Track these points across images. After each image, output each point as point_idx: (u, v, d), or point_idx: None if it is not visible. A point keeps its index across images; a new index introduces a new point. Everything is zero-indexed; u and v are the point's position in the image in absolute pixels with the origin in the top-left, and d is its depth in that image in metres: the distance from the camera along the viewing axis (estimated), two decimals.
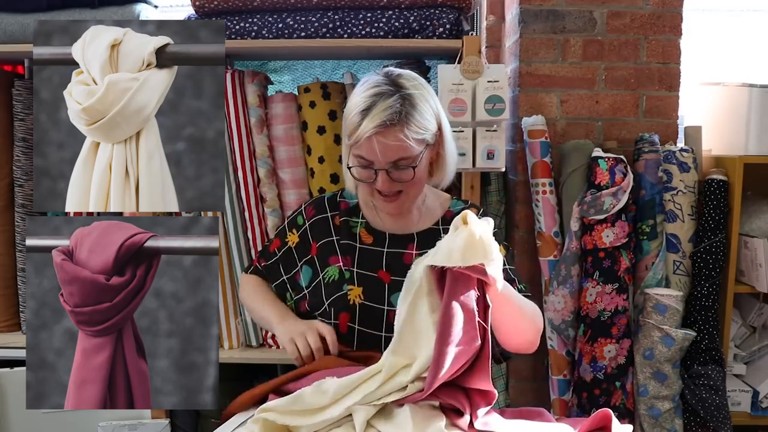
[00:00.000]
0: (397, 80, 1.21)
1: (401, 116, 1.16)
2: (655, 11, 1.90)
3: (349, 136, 1.21)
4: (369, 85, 1.20)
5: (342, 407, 1.02)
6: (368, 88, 1.20)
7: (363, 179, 1.22)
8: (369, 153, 1.18)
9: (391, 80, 1.20)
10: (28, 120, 1.81)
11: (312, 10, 1.78)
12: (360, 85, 1.22)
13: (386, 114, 1.15)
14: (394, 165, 1.19)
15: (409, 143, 1.17)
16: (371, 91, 1.18)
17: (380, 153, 1.17)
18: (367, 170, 1.21)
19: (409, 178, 1.20)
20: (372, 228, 1.32)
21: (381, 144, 1.16)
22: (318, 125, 1.79)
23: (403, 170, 1.19)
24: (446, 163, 1.29)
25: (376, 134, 1.16)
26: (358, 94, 1.21)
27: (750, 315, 1.97)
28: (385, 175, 1.19)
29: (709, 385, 1.77)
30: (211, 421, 1.85)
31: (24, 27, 1.76)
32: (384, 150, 1.17)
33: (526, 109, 1.92)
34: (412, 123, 1.17)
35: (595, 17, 1.90)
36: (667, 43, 1.89)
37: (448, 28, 1.75)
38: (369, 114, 1.16)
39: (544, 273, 1.84)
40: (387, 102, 1.16)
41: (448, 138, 1.28)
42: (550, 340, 1.84)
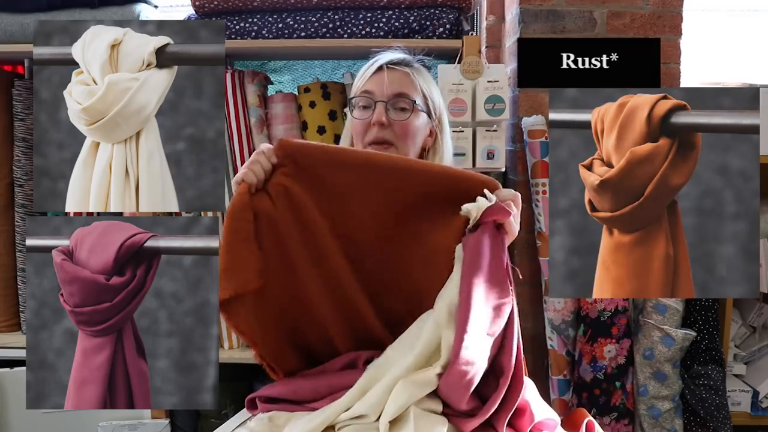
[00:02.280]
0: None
1: (412, 64, 1.30)
2: (655, 11, 1.89)
3: (356, 89, 1.28)
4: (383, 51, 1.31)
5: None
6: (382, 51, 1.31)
7: (361, 118, 1.26)
8: (374, 84, 1.25)
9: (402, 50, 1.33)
10: (28, 120, 1.81)
11: (312, 10, 1.78)
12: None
13: (399, 56, 1.29)
14: (393, 102, 1.24)
15: (414, 82, 1.26)
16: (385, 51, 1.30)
17: (387, 81, 1.23)
18: (366, 110, 1.25)
19: (406, 117, 1.24)
20: None
21: (390, 74, 1.24)
22: (318, 125, 1.79)
23: (399, 111, 1.24)
24: (443, 153, 1.32)
25: (388, 68, 1.25)
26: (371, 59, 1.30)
27: (750, 315, 1.97)
28: (382, 107, 1.23)
29: (709, 385, 1.77)
30: (211, 420, 1.85)
31: (24, 27, 1.76)
32: (390, 78, 1.24)
33: (526, 109, 1.92)
34: (421, 75, 1.28)
35: (595, 17, 1.90)
36: (667, 43, 1.89)
37: (448, 28, 1.75)
38: (382, 57, 1.28)
39: (544, 273, 1.84)
40: (402, 55, 1.30)
41: (446, 129, 1.33)
42: (550, 340, 1.84)
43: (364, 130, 1.25)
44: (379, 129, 1.22)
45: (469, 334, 0.94)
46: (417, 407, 0.99)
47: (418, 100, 1.26)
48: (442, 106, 1.33)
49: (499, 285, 1.01)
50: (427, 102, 1.28)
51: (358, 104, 1.27)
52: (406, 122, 1.24)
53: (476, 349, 0.96)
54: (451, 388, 0.98)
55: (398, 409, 0.98)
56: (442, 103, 1.33)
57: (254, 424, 1.08)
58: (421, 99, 1.27)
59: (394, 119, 1.23)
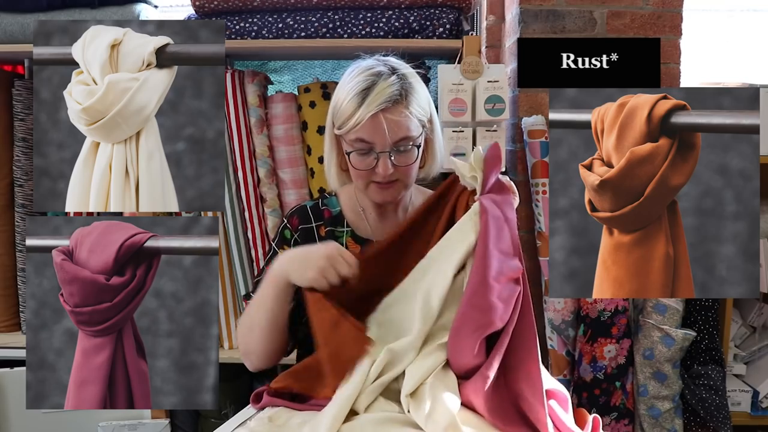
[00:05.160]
0: (390, 62, 1.19)
1: (404, 93, 1.14)
2: (655, 11, 1.89)
3: (342, 125, 1.16)
4: (363, 68, 1.17)
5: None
6: (363, 70, 1.16)
7: (363, 167, 1.17)
8: (373, 133, 1.13)
9: (383, 62, 1.19)
10: (28, 120, 1.81)
11: (312, 10, 1.78)
12: (349, 73, 1.19)
13: (390, 91, 1.12)
14: (396, 147, 1.16)
15: (413, 120, 1.15)
16: (368, 72, 1.15)
17: (387, 130, 1.12)
18: (367, 156, 1.16)
19: (412, 160, 1.17)
20: (358, 236, 1.29)
21: (388, 120, 1.12)
22: (318, 125, 1.79)
23: (404, 153, 1.16)
24: (436, 153, 1.28)
25: (383, 111, 1.12)
26: (350, 79, 1.16)
27: (750, 315, 1.97)
28: (386, 159, 1.15)
29: (709, 385, 1.77)
30: (211, 420, 1.85)
31: (24, 27, 1.76)
32: (391, 127, 1.13)
33: (526, 109, 1.92)
34: (414, 101, 1.16)
35: (595, 17, 1.90)
36: (667, 43, 1.89)
37: (448, 28, 1.75)
38: (371, 93, 1.12)
39: (544, 273, 1.84)
40: (388, 80, 1.13)
41: (437, 127, 1.27)
42: (550, 340, 1.84)
43: (368, 174, 1.19)
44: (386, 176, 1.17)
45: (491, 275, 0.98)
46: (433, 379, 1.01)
47: (417, 133, 1.17)
48: (430, 101, 1.23)
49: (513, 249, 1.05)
50: (422, 122, 1.19)
51: (355, 148, 1.16)
52: (411, 163, 1.18)
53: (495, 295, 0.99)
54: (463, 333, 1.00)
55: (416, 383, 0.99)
56: (431, 102, 1.25)
57: (254, 424, 1.08)
58: (418, 127, 1.18)
59: (399, 164, 1.17)
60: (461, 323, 1.01)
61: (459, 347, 1.01)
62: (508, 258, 1.04)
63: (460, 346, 1.01)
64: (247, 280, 1.83)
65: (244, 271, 1.82)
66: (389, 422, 0.98)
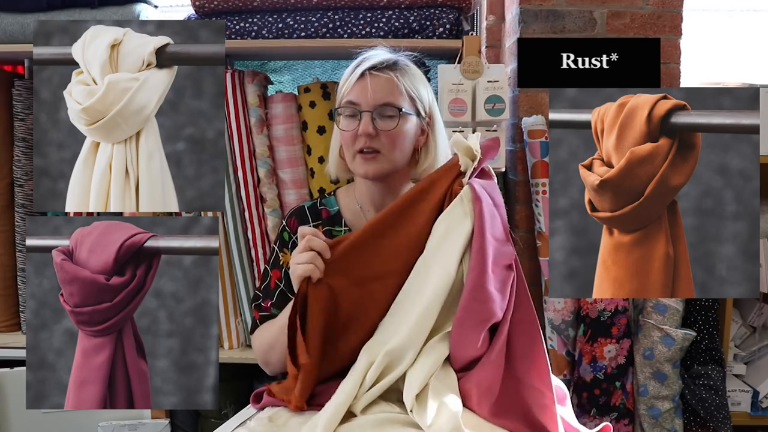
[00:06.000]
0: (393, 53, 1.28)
1: (396, 66, 1.24)
2: (655, 11, 1.90)
3: (341, 98, 1.25)
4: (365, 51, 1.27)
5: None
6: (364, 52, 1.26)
7: (348, 129, 1.23)
8: (358, 94, 1.21)
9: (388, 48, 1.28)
10: (28, 120, 1.81)
11: (312, 10, 1.78)
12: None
13: (383, 57, 1.24)
14: (380, 111, 1.21)
15: (401, 90, 1.22)
16: (367, 52, 1.26)
17: (371, 90, 1.20)
18: (353, 119, 1.23)
19: (393, 126, 1.21)
20: None
21: (374, 82, 1.21)
22: (318, 125, 1.79)
23: (387, 119, 1.21)
24: (434, 151, 1.29)
25: (371, 74, 1.21)
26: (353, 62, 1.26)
27: (750, 315, 1.97)
28: (368, 118, 1.20)
29: (709, 385, 1.77)
30: (211, 420, 1.85)
31: (24, 27, 1.76)
32: (374, 87, 1.20)
33: (526, 109, 1.92)
34: (406, 76, 1.24)
35: (595, 17, 1.90)
36: (667, 43, 1.89)
37: (448, 28, 1.75)
38: (365, 61, 1.23)
39: (544, 273, 1.84)
40: (385, 56, 1.24)
41: (439, 126, 1.30)
42: (550, 340, 1.84)
43: (352, 139, 1.23)
44: (367, 139, 1.21)
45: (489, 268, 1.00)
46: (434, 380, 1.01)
47: (404, 105, 1.22)
48: (433, 101, 1.29)
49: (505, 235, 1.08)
50: (414, 104, 1.25)
51: (344, 114, 1.24)
52: (394, 131, 1.21)
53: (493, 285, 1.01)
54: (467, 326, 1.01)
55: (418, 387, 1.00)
56: (433, 98, 1.30)
57: (254, 424, 1.08)
58: (408, 103, 1.23)
59: (381, 128, 1.21)
60: (464, 315, 1.01)
61: (463, 340, 1.02)
62: (502, 245, 1.07)
63: (464, 339, 1.01)
64: (247, 280, 1.83)
65: (244, 271, 1.82)
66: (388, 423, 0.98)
